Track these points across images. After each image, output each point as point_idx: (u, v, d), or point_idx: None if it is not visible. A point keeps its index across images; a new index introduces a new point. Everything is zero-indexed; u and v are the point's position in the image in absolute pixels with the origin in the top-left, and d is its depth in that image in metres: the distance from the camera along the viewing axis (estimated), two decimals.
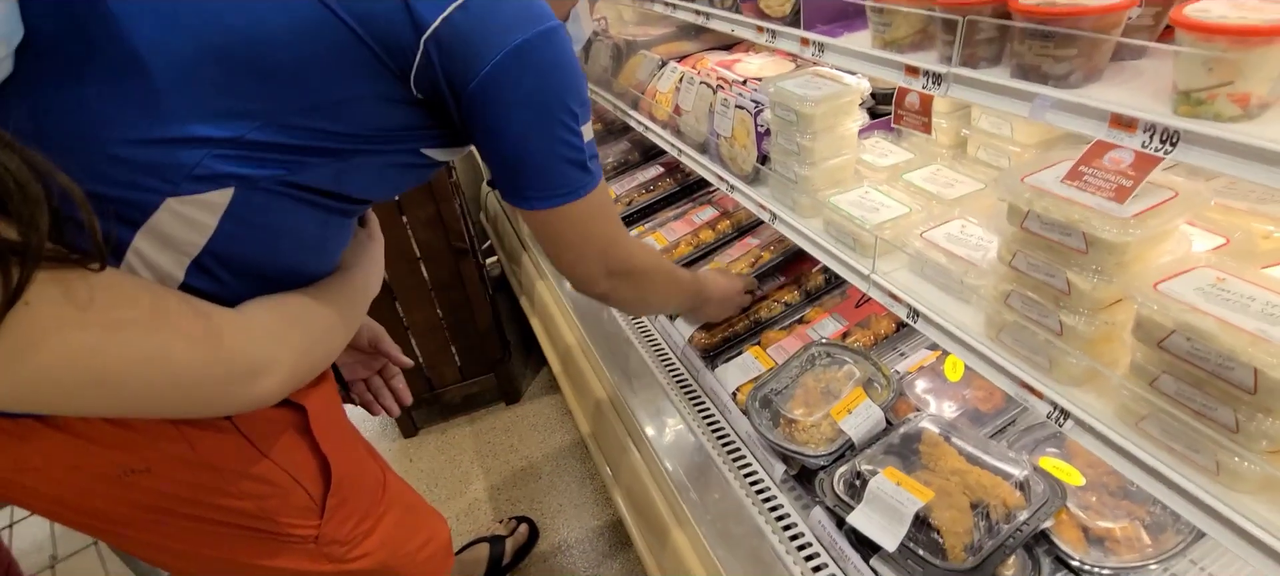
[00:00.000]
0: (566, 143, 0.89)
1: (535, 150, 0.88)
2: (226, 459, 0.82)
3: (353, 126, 0.77)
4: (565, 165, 0.90)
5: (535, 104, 0.83)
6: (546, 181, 0.91)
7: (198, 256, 0.74)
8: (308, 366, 0.82)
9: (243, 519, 0.85)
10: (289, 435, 0.89)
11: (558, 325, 2.05)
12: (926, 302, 1.04)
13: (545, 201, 0.93)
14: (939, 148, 1.40)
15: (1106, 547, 1.01)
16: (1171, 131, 0.69)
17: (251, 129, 0.71)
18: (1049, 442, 1.18)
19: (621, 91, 2.07)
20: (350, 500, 0.96)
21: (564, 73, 0.85)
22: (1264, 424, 0.66)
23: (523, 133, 0.85)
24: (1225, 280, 0.73)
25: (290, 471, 0.88)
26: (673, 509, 1.37)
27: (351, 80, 0.74)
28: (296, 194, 0.78)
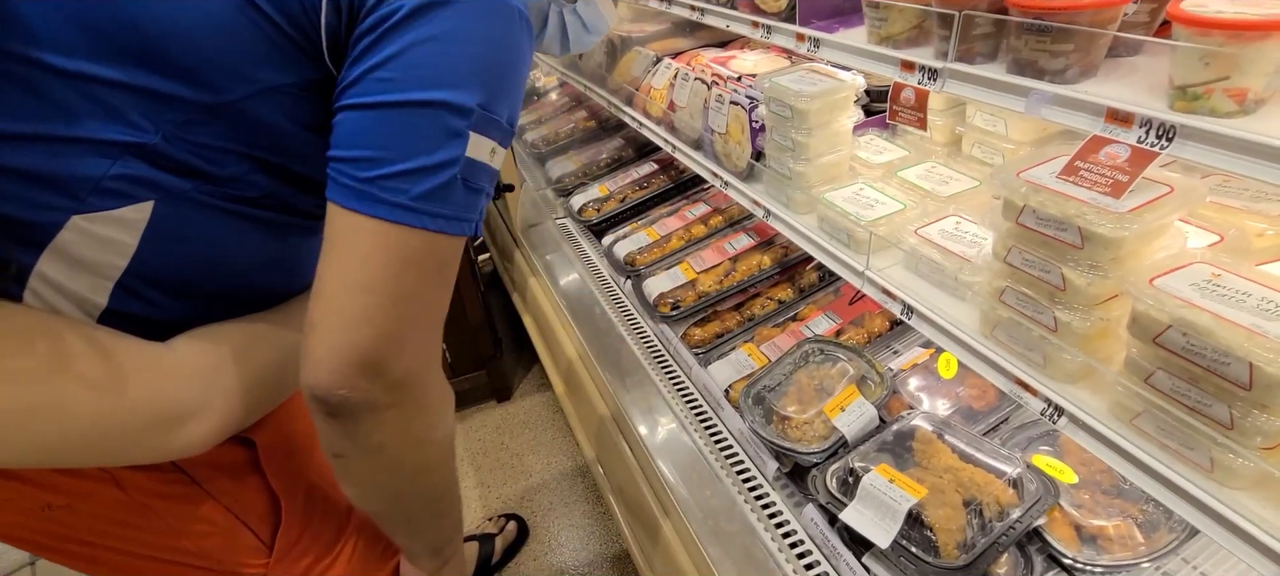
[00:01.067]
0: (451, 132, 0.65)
1: (405, 124, 0.64)
2: (160, 498, 0.75)
3: (275, 126, 0.68)
4: (442, 169, 0.65)
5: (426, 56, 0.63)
6: (401, 177, 0.64)
7: (121, 279, 0.66)
8: (251, 405, 0.74)
9: (183, 556, 0.79)
10: (236, 469, 0.81)
11: (549, 321, 2.04)
12: (921, 299, 1.03)
13: (389, 209, 0.63)
14: (934, 145, 1.40)
15: (1099, 545, 1.01)
16: (1168, 126, 0.69)
17: (166, 133, 0.63)
18: (1042, 440, 1.18)
19: (616, 88, 2.06)
20: (305, 537, 0.90)
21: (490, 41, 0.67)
22: (1259, 420, 0.66)
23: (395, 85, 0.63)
24: (1221, 276, 0.73)
25: (235, 511, 0.81)
26: (664, 506, 1.36)
27: (265, 70, 0.65)
28: (234, 208, 0.70)
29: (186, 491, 0.77)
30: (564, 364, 1.94)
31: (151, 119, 0.62)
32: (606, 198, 2.25)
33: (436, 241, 0.67)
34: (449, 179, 0.66)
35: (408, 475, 0.80)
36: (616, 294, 1.97)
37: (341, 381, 0.65)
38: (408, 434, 0.74)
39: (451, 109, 0.65)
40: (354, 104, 0.64)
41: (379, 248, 0.64)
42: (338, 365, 0.65)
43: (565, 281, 2.10)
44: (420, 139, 0.64)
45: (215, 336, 0.72)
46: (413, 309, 0.68)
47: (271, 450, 0.83)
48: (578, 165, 2.48)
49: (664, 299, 1.71)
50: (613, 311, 1.89)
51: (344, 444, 0.71)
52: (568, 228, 2.36)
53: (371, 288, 0.65)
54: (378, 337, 0.65)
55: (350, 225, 0.64)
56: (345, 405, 0.66)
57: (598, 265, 2.12)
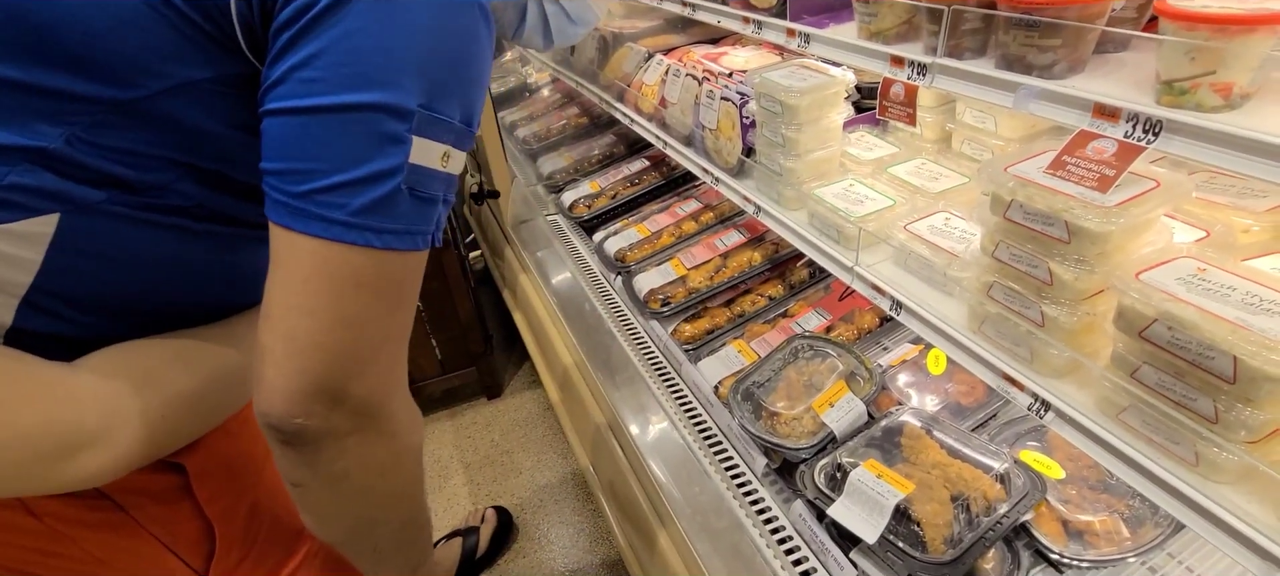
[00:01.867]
0: (388, 137, 0.58)
1: (336, 130, 0.57)
2: (80, 526, 0.69)
3: (200, 126, 0.62)
4: (381, 179, 0.59)
5: (352, 52, 0.56)
6: (337, 189, 0.58)
7: (27, 296, 0.60)
8: (166, 433, 0.68)
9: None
10: (165, 494, 0.75)
11: (540, 317, 2.03)
12: (909, 294, 1.03)
13: (325, 226, 0.58)
14: (924, 142, 1.40)
15: (1086, 540, 1.01)
16: (1154, 121, 0.69)
17: (70, 137, 0.57)
18: (1030, 436, 1.18)
19: (608, 83, 2.05)
20: (248, 562, 0.84)
21: (431, 32, 0.60)
22: (1243, 414, 0.66)
23: (320, 87, 0.56)
24: (1206, 270, 0.73)
25: (164, 540, 0.75)
26: (653, 503, 1.35)
27: (176, 63, 0.59)
28: (158, 219, 0.64)
29: (110, 519, 0.70)
30: (556, 365, 1.93)
31: (53, 121, 0.56)
32: (597, 194, 2.24)
33: (385, 259, 0.61)
34: (392, 190, 0.59)
35: (374, 503, 0.75)
36: (607, 290, 1.96)
37: (296, 409, 0.60)
38: (372, 461, 0.69)
39: (388, 110, 0.58)
40: (278, 109, 0.58)
41: (320, 268, 0.58)
42: (290, 393, 0.60)
43: (556, 278, 2.09)
44: (354, 147, 0.58)
45: (128, 357, 0.65)
46: (367, 332, 0.62)
47: (204, 475, 0.77)
48: (569, 161, 2.47)
49: (654, 295, 1.71)
50: (603, 308, 1.89)
51: (302, 473, 0.66)
52: (559, 224, 2.35)
53: (316, 311, 0.59)
54: (331, 362, 0.60)
55: (289, 244, 0.59)
56: (303, 433, 0.61)
57: (588, 261, 2.11)
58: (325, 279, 0.59)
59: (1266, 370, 0.62)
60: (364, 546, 0.81)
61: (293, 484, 0.68)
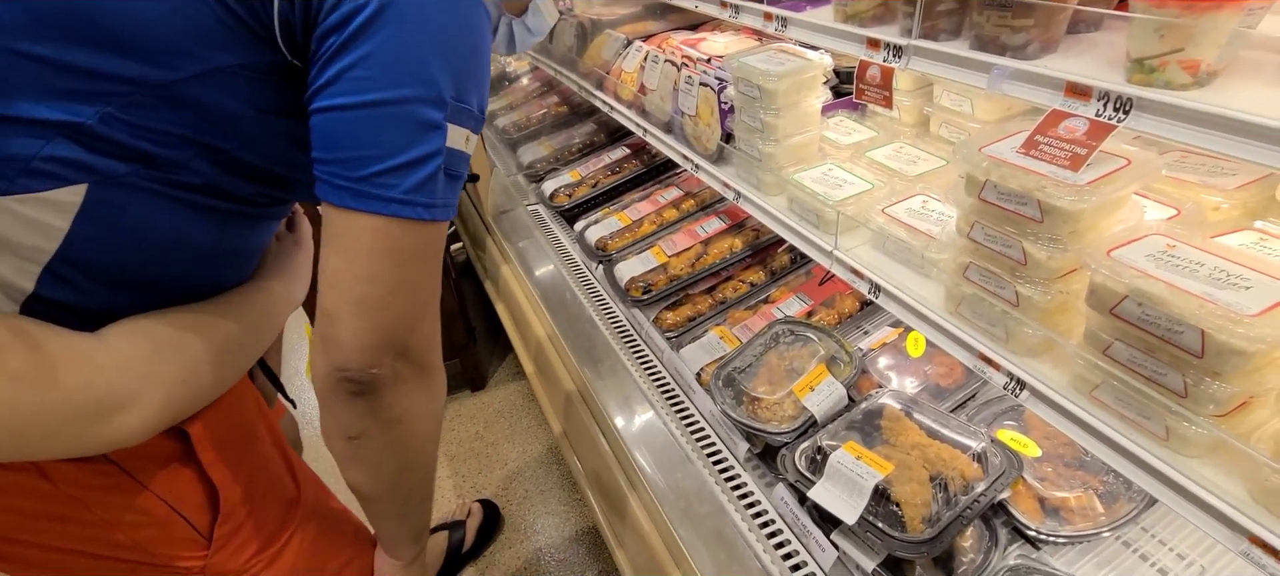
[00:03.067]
0: (429, 125, 0.68)
1: (388, 122, 0.66)
2: (90, 489, 0.72)
3: (224, 109, 0.67)
4: (426, 161, 0.69)
5: (398, 54, 0.65)
6: (392, 172, 0.67)
7: (49, 264, 0.64)
8: (187, 397, 0.73)
9: (116, 550, 0.76)
10: (169, 459, 0.79)
11: (522, 307, 2.02)
12: (888, 278, 1.04)
13: (383, 204, 0.67)
14: (902, 126, 1.41)
15: (1062, 517, 1.02)
16: (1125, 99, 0.70)
17: (104, 115, 0.61)
18: (1007, 415, 1.20)
19: (587, 71, 2.03)
20: (247, 525, 0.87)
21: (454, 34, 0.69)
22: (1211, 387, 0.67)
23: (373, 85, 0.65)
24: (1176, 247, 0.74)
25: (169, 501, 0.78)
26: (636, 491, 1.35)
27: (212, 49, 0.64)
28: (173, 193, 0.69)
29: (118, 482, 0.74)
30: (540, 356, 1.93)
31: (89, 99, 0.61)
32: (578, 183, 2.23)
33: (427, 229, 0.71)
34: (434, 170, 0.69)
35: (416, 448, 0.87)
36: (588, 279, 1.95)
37: (371, 360, 0.72)
38: (421, 405, 0.81)
39: (429, 102, 0.67)
40: (334, 105, 0.66)
41: (381, 242, 0.69)
42: (365, 347, 0.71)
43: (537, 269, 2.08)
44: (403, 135, 0.67)
45: (147, 327, 0.70)
46: (419, 292, 0.74)
47: (206, 441, 0.81)
48: (549, 150, 2.45)
49: (635, 283, 1.70)
50: (584, 297, 1.88)
51: (366, 421, 0.77)
52: (539, 214, 2.33)
53: (380, 278, 0.70)
54: (395, 320, 0.72)
55: (351, 224, 0.68)
56: (374, 382, 0.74)
57: (570, 251, 2.10)
58: (385, 250, 0.69)
59: (1233, 343, 0.63)
60: (397, 499, 0.92)
61: (353, 436, 0.78)
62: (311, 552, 0.96)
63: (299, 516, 0.96)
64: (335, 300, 0.70)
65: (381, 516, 0.96)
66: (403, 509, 0.95)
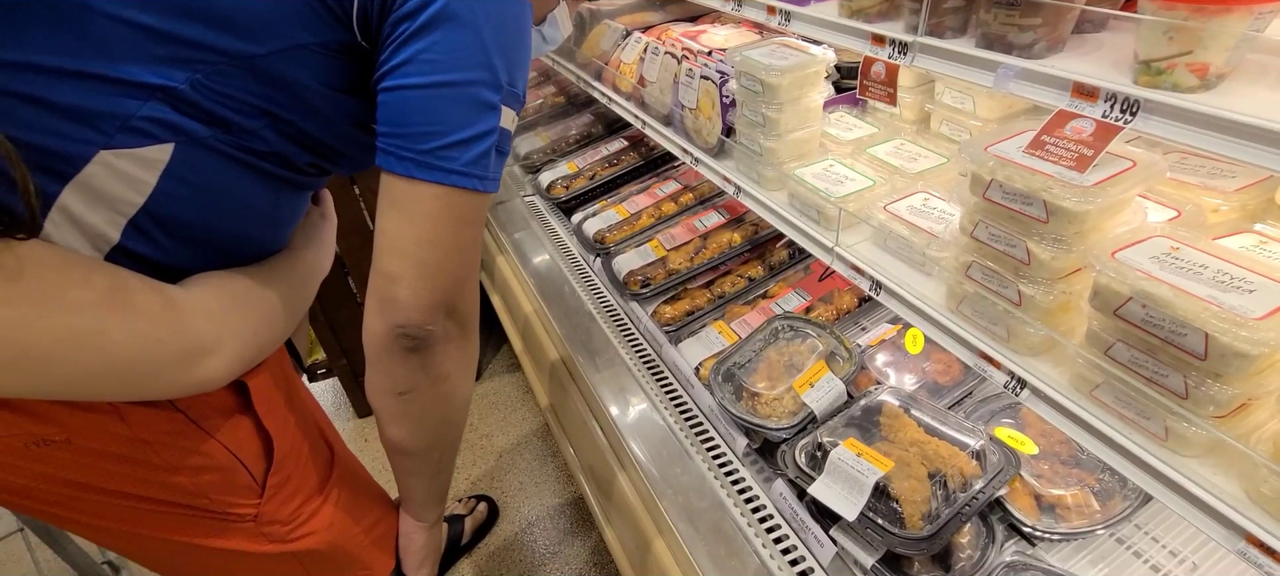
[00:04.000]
0: (488, 106, 0.76)
1: (453, 102, 0.73)
2: (161, 433, 0.77)
3: (298, 82, 0.74)
4: (484, 138, 0.76)
5: (464, 41, 0.72)
6: (454, 147, 0.74)
7: (134, 216, 0.70)
8: (255, 349, 0.79)
9: (176, 495, 0.80)
10: (230, 410, 0.84)
11: (518, 299, 2.01)
12: (889, 275, 1.04)
13: (446, 175, 0.75)
14: (903, 122, 1.41)
15: (1058, 514, 1.03)
16: (1132, 101, 0.70)
17: (193, 81, 0.67)
18: (1005, 413, 1.20)
19: (585, 62, 2.02)
20: (294, 478, 0.92)
21: (508, 27, 0.77)
22: (1212, 389, 0.67)
23: (441, 68, 0.72)
24: (1179, 249, 0.74)
25: (231, 448, 0.83)
26: (635, 485, 1.36)
27: (297, 28, 0.70)
28: (243, 158, 0.75)
29: (186, 428, 0.79)
30: (536, 348, 1.92)
31: (185, 66, 0.67)
32: (575, 175, 2.22)
33: (479, 200, 0.79)
34: (489, 146, 0.77)
35: (457, 405, 0.95)
36: (586, 272, 1.95)
37: (428, 319, 0.79)
38: (464, 362, 0.90)
39: (488, 86, 0.74)
40: (404, 84, 0.72)
41: (443, 209, 0.76)
42: (423, 306, 0.78)
43: (534, 260, 2.07)
44: (467, 113, 0.74)
45: (223, 282, 0.77)
46: (469, 256, 0.82)
47: (263, 392, 0.87)
48: (546, 142, 2.44)
49: (634, 276, 1.70)
50: (582, 290, 1.87)
51: (418, 377, 0.84)
52: (536, 205, 2.32)
53: (439, 242, 0.77)
54: (450, 281, 0.80)
55: (415, 192, 0.75)
56: (429, 339, 0.81)
57: (567, 243, 2.09)
58: (446, 217, 0.76)
59: (1236, 346, 0.64)
60: (433, 456, 1.01)
61: (403, 392, 0.86)
62: (348, 508, 1.00)
63: (336, 474, 1.01)
64: (397, 262, 0.77)
65: (415, 473, 1.03)
66: (437, 466, 1.04)
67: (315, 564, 0.97)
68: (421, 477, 1.04)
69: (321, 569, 0.98)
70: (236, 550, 0.87)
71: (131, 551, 0.88)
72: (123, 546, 0.88)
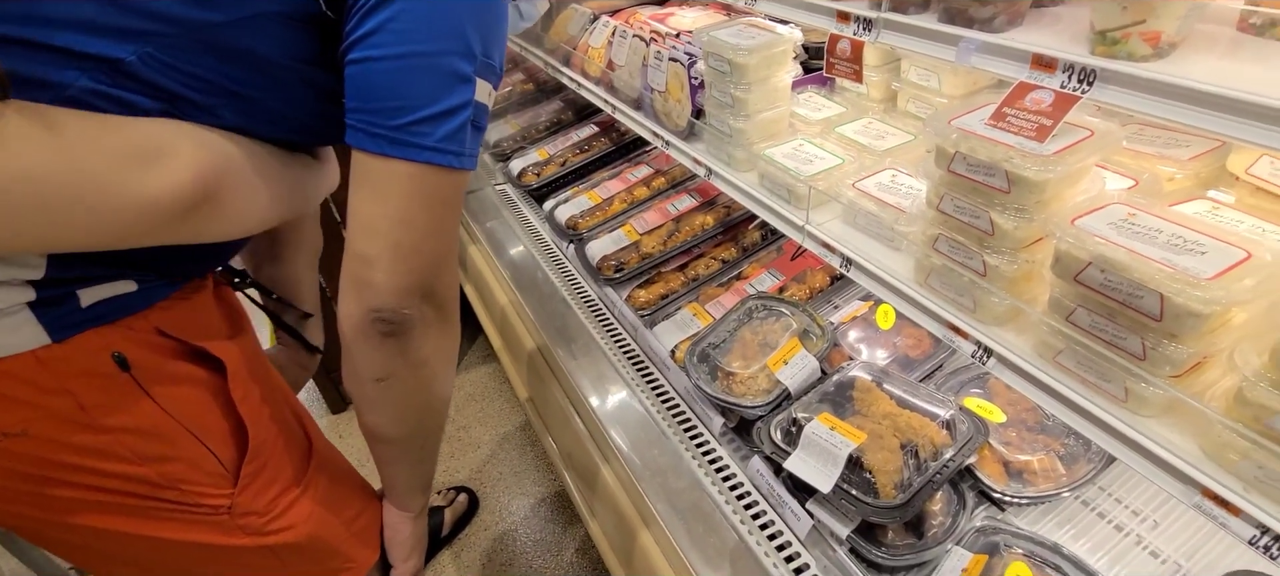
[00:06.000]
0: (461, 78, 0.72)
1: (424, 73, 0.70)
2: (120, 415, 0.74)
3: (260, 54, 0.70)
4: (458, 111, 0.73)
5: (433, 9, 0.69)
6: (427, 121, 0.71)
7: None
8: (224, 167, 0.72)
9: (141, 487, 0.77)
10: (198, 391, 0.81)
11: (491, 289, 2.00)
12: (859, 251, 1.05)
13: (418, 151, 0.71)
14: (870, 101, 1.42)
15: (1025, 479, 1.06)
16: (1089, 70, 0.71)
17: (144, 54, 0.64)
18: (974, 383, 1.23)
19: (553, 47, 2.00)
20: (270, 467, 0.88)
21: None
22: (1168, 349, 0.69)
23: (410, 37, 0.68)
24: (1135, 215, 0.76)
25: (197, 433, 0.80)
26: (614, 469, 1.36)
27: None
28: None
29: (145, 406, 0.75)
30: (511, 337, 1.91)
31: (136, 38, 0.63)
32: (546, 161, 2.20)
33: (456, 177, 0.75)
34: (464, 121, 0.73)
35: (438, 391, 0.91)
36: (559, 259, 1.94)
37: (404, 302, 0.76)
38: (443, 347, 0.86)
39: (462, 55, 0.71)
40: (371, 56, 0.69)
41: (417, 188, 0.72)
42: (399, 289, 0.75)
43: (507, 249, 2.05)
44: (439, 86, 0.70)
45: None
46: (446, 237, 0.79)
47: (239, 372, 0.83)
48: (516, 129, 2.41)
49: (607, 261, 1.70)
50: (557, 277, 1.86)
51: (396, 362, 0.81)
52: (507, 193, 2.30)
53: (415, 222, 0.73)
54: (426, 264, 0.76)
55: (387, 170, 0.71)
56: (406, 322, 0.78)
57: (540, 231, 2.08)
58: (420, 195, 0.73)
59: (1190, 306, 0.66)
60: (415, 444, 0.97)
61: (381, 378, 0.82)
62: (327, 500, 0.97)
63: (314, 464, 0.97)
64: (371, 244, 0.73)
65: (397, 461, 1.00)
66: (419, 454, 1.01)
67: (293, 557, 0.93)
68: (403, 466, 1.02)
69: (300, 562, 0.95)
70: (210, 544, 0.84)
71: (100, 560, 0.85)
72: (92, 560, 0.84)
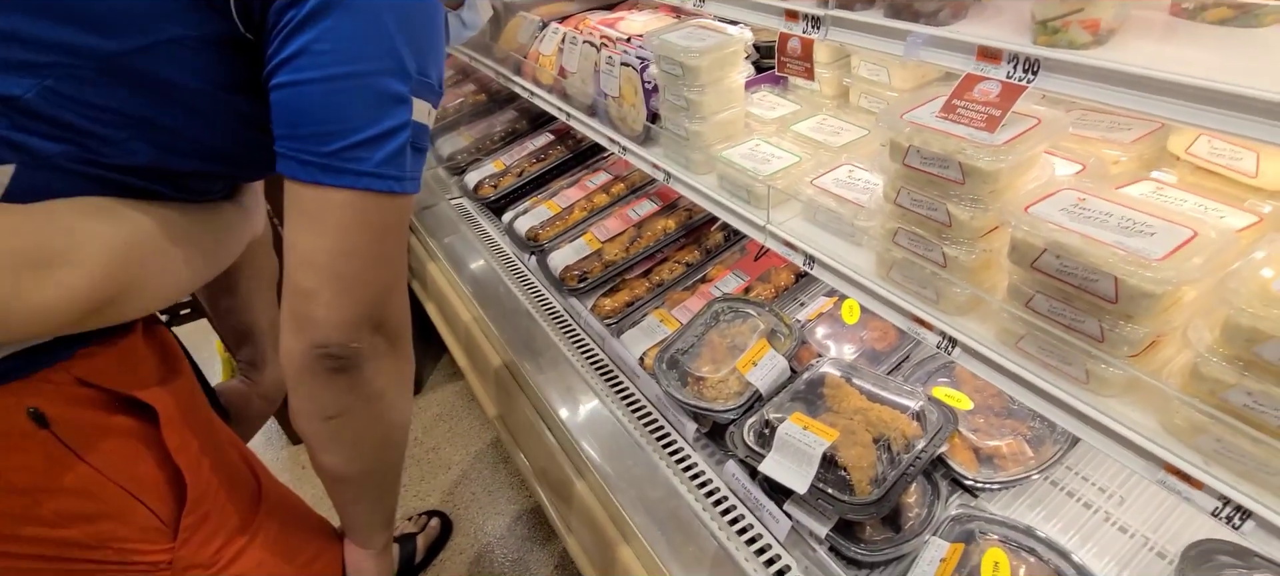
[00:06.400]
0: (395, 98, 0.68)
1: (355, 96, 0.65)
2: (38, 475, 0.68)
3: (173, 83, 0.65)
4: (395, 134, 0.68)
5: (361, 27, 0.64)
6: (362, 146, 0.66)
7: None
8: (133, 267, 0.68)
9: (71, 550, 0.72)
10: (128, 443, 0.75)
11: (452, 305, 1.95)
12: (822, 248, 1.05)
13: (356, 178, 0.66)
14: (823, 98, 1.43)
15: (996, 464, 1.08)
16: (1032, 60, 0.73)
17: (43, 89, 0.59)
18: (940, 373, 1.25)
19: (503, 56, 1.97)
20: (214, 516, 0.83)
21: (413, 9, 0.68)
22: (1125, 329, 0.71)
23: (338, 58, 0.64)
24: (1085, 200, 0.77)
25: (129, 488, 0.75)
26: (588, 482, 1.34)
27: (165, 19, 0.62)
28: (107, 176, 0.66)
29: (66, 461, 0.70)
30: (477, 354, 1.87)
31: (33, 72, 0.59)
32: (503, 173, 2.16)
33: (398, 202, 0.71)
34: (402, 143, 0.69)
35: (395, 422, 0.87)
36: (521, 272, 1.90)
37: (351, 335, 0.72)
38: (398, 378, 0.83)
39: (394, 75, 0.67)
40: (298, 80, 0.65)
41: (356, 216, 0.69)
42: (345, 323, 0.71)
43: (468, 265, 2.01)
44: (373, 108, 0.67)
45: (77, 200, 0.67)
46: (393, 265, 0.75)
47: (173, 421, 0.78)
48: (469, 141, 2.37)
49: (570, 271, 1.67)
50: (519, 290, 1.83)
51: (347, 399, 0.78)
52: (465, 207, 2.26)
53: (356, 252, 0.70)
54: (372, 294, 0.73)
55: (323, 199, 0.67)
56: (356, 357, 0.74)
57: (499, 243, 2.04)
58: (361, 224, 0.69)
59: (1143, 287, 0.67)
60: (375, 479, 0.94)
61: (332, 416, 0.78)
62: (279, 546, 0.92)
63: (263, 509, 0.92)
64: (311, 277, 0.69)
65: (357, 500, 0.96)
66: (379, 490, 0.97)
67: None
68: (363, 504, 0.97)
69: None
70: None
71: None
72: None
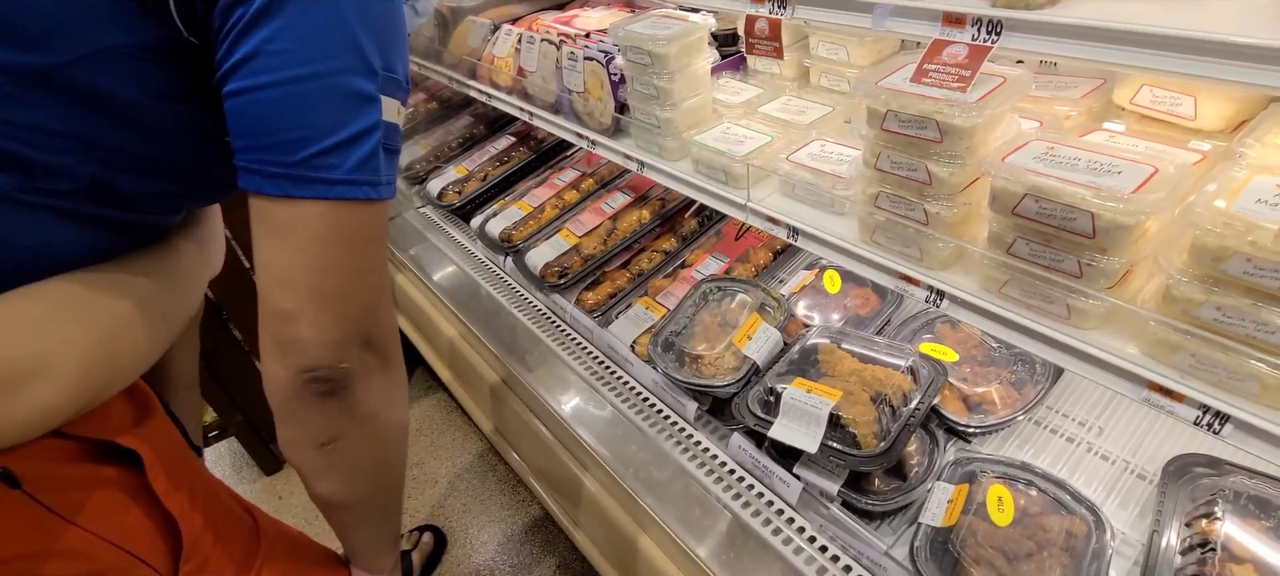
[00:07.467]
0: (363, 97, 0.63)
1: (319, 98, 0.60)
2: (16, 542, 0.63)
3: (114, 96, 0.60)
4: (366, 136, 0.63)
5: (318, 22, 0.59)
6: (331, 152, 0.61)
7: None
8: (110, 364, 0.65)
9: None
10: (112, 494, 0.71)
11: (427, 315, 1.93)
12: (803, 220, 1.09)
13: (328, 187, 0.61)
14: (785, 80, 1.47)
15: (985, 409, 1.14)
16: (995, 22, 0.78)
17: None
18: (924, 330, 1.31)
19: (454, 61, 1.94)
20: (213, 562, 0.79)
21: (369, 3, 0.63)
22: (1102, 263, 0.76)
23: (296, 58, 0.59)
24: (1054, 148, 0.83)
25: (118, 542, 0.70)
26: (594, 474, 1.35)
27: (99, 27, 0.57)
28: (44, 202, 0.61)
29: (54, 527, 0.66)
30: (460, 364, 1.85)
31: None
32: (466, 178, 2.14)
33: (375, 209, 0.67)
34: (374, 145, 0.65)
35: (392, 442, 0.83)
36: (498, 274, 1.89)
37: (339, 355, 0.68)
38: (391, 395, 0.78)
39: (360, 72, 0.62)
40: (254, 85, 0.59)
41: (332, 228, 0.64)
42: (331, 343, 0.67)
43: (438, 272, 1.98)
44: (339, 110, 0.62)
45: (49, 287, 0.63)
46: (375, 276, 0.70)
47: (157, 464, 0.73)
48: (427, 149, 2.33)
49: (550, 269, 1.67)
50: (498, 293, 1.82)
51: (341, 422, 0.72)
52: (429, 216, 2.22)
53: (336, 267, 0.65)
54: (358, 309, 0.68)
55: (295, 213, 0.62)
56: (345, 377, 0.69)
57: (471, 249, 2.02)
58: (338, 236, 0.64)
59: (1118, 220, 0.73)
60: (377, 502, 0.89)
61: (326, 442, 0.73)
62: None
63: (264, 545, 0.89)
64: (290, 298, 0.64)
65: (360, 525, 0.90)
66: (382, 512, 0.92)
67: None
68: (367, 529, 0.91)
69: None
70: None
71: None
72: None
